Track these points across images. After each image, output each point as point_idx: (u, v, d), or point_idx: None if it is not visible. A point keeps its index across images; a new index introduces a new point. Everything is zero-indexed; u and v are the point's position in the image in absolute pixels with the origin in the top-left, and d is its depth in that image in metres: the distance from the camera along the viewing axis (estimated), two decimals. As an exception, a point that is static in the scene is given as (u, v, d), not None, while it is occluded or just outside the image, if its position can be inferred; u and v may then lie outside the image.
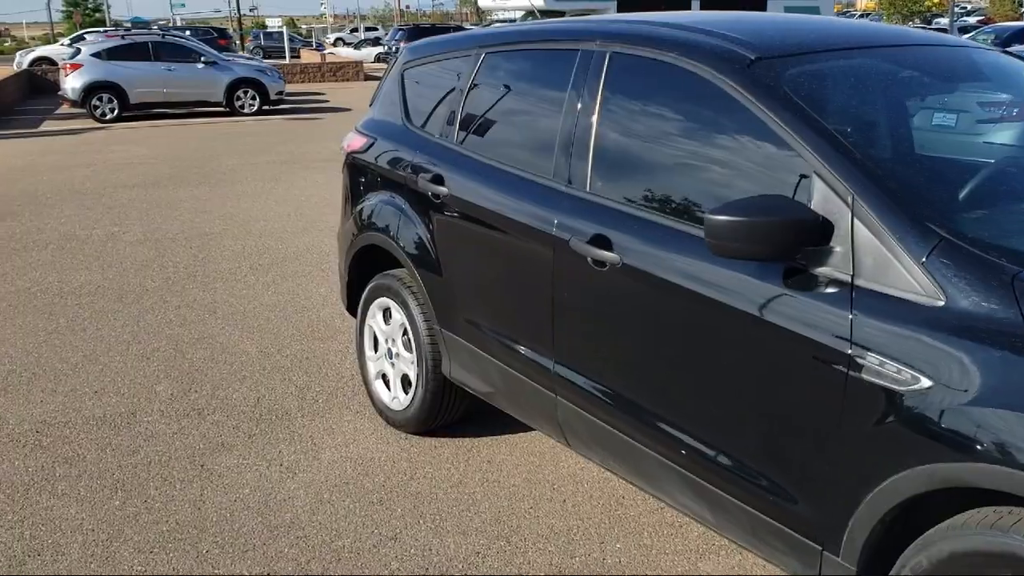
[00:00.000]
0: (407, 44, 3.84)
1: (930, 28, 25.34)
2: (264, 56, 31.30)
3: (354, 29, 59.55)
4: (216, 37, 32.10)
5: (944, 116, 2.65)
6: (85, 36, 26.10)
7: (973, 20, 44.84)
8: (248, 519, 3.02)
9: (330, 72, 26.02)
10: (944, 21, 38.04)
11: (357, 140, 3.85)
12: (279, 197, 8.91)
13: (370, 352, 3.79)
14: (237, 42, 37.56)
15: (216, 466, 3.39)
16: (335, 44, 50.22)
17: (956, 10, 38.14)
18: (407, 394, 3.56)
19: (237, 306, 5.40)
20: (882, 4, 47.70)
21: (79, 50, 16.96)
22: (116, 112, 16.15)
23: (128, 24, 49.40)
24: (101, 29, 31.67)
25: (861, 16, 50.73)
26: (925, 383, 1.78)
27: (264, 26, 65.27)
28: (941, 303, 1.82)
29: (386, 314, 3.67)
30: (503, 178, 2.95)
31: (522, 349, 2.88)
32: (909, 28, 3.44)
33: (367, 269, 3.84)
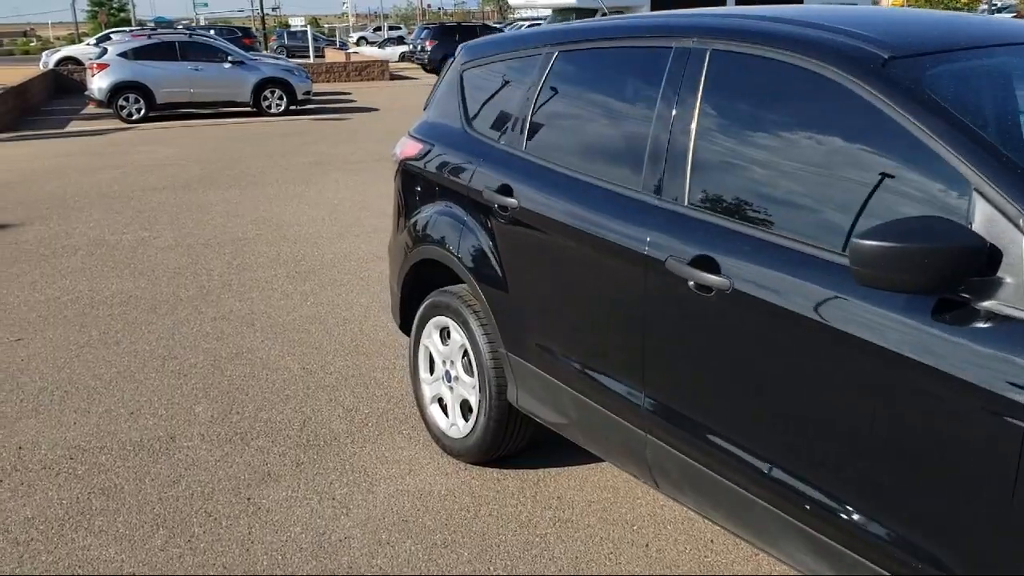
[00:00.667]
0: (466, 43, 3.57)
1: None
2: (288, 56, 31.18)
3: (377, 28, 59.45)
4: (241, 36, 32.02)
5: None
6: (111, 36, 26.08)
7: (1007, 16, 44.05)
8: (302, 563, 2.77)
9: (355, 72, 25.84)
10: (977, 17, 37.20)
11: (411, 146, 3.59)
12: (312, 200, 8.68)
13: (425, 374, 3.53)
14: (261, 41, 37.50)
15: (264, 500, 3.14)
16: (358, 43, 50.12)
17: (988, 6, 37.42)
18: (467, 421, 3.29)
19: (275, 317, 5.16)
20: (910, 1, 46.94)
21: (105, 50, 16.84)
22: (142, 112, 16.03)
23: (152, 24, 49.57)
24: (127, 29, 31.69)
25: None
26: None
27: (287, 25, 65.43)
28: None
29: (443, 334, 3.40)
30: (581, 189, 2.67)
31: (605, 380, 2.60)
32: None
33: (422, 285, 3.58)
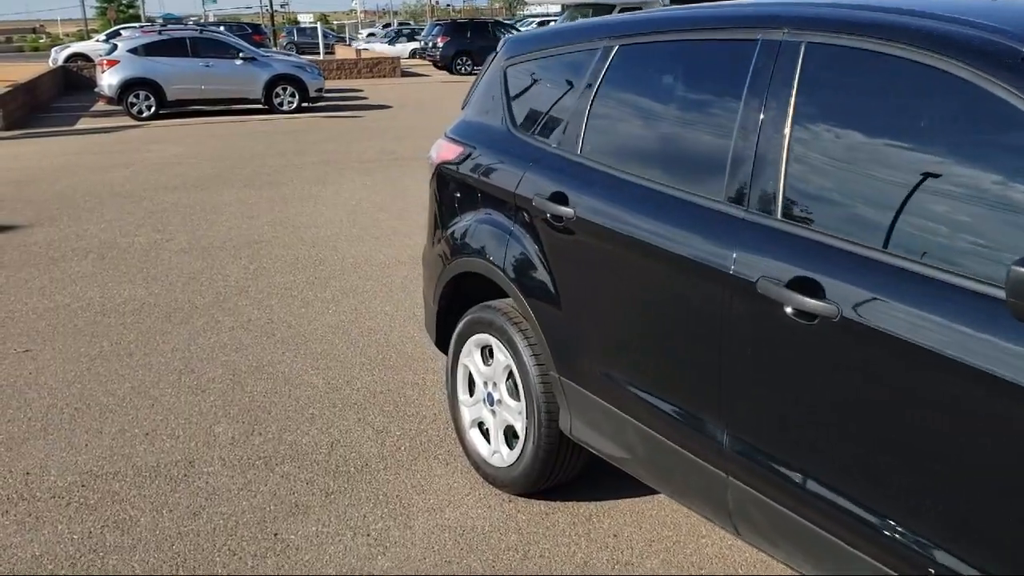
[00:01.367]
0: (509, 36, 3.29)
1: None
2: (298, 52, 30.95)
3: (386, 24, 59.17)
4: (251, 33, 31.81)
5: None
6: (121, 32, 25.88)
7: None
8: (337, 612, 2.51)
9: (366, 68, 25.58)
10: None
11: (449, 149, 3.31)
12: (328, 201, 8.42)
13: (464, 396, 3.26)
14: (270, 38, 37.27)
15: (292, 535, 2.88)
16: (367, 39, 49.84)
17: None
18: (512, 449, 3.02)
19: (296, 327, 4.90)
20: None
21: (115, 46, 16.60)
22: (153, 109, 15.79)
23: (161, 20, 49.45)
24: (137, 25, 31.50)
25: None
26: None
27: (296, 22, 65.21)
28: None
29: (485, 353, 3.13)
30: (650, 199, 2.40)
31: (678, 413, 2.32)
32: None
33: (460, 299, 3.32)
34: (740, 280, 2.08)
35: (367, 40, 48.67)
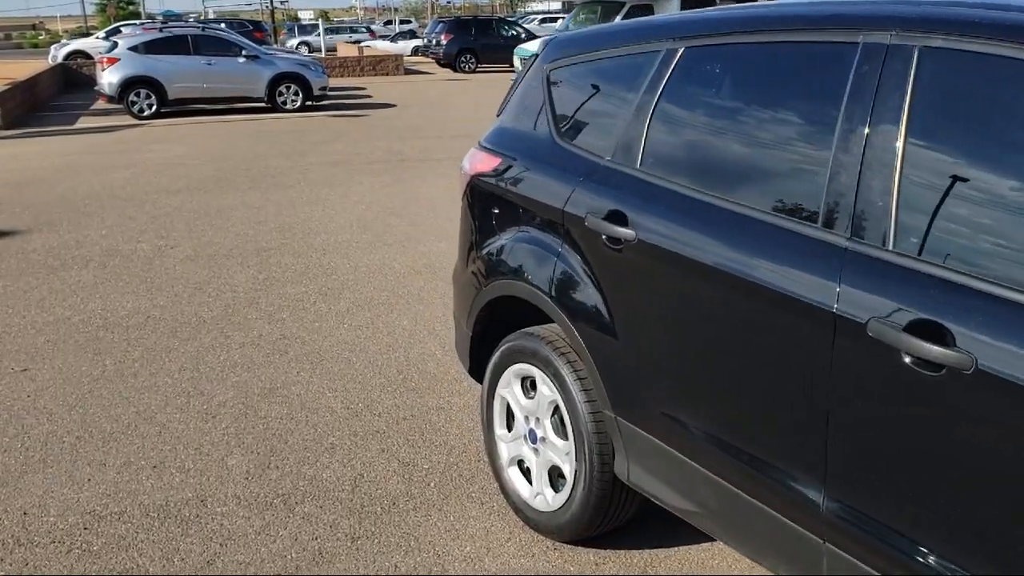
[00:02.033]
0: (551, 37, 3.01)
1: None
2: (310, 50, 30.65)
3: (388, 22, 58.80)
4: (252, 30, 31.44)
5: None
6: (121, 29, 25.57)
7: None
8: None
9: (369, 66, 25.28)
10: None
11: (484, 160, 3.04)
12: (336, 204, 8.14)
13: (501, 430, 2.98)
14: (271, 35, 36.93)
15: (317, 589, 2.61)
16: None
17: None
18: (558, 492, 2.74)
19: (310, 343, 4.62)
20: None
21: (116, 43, 16.30)
22: (154, 108, 15.49)
23: (160, 17, 49.12)
24: (137, 22, 31.18)
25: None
26: None
27: (297, 19, 64.89)
28: None
29: (526, 384, 2.86)
30: (727, 221, 2.12)
31: (762, 466, 2.05)
32: None
33: (496, 323, 3.04)
34: (846, 320, 1.80)
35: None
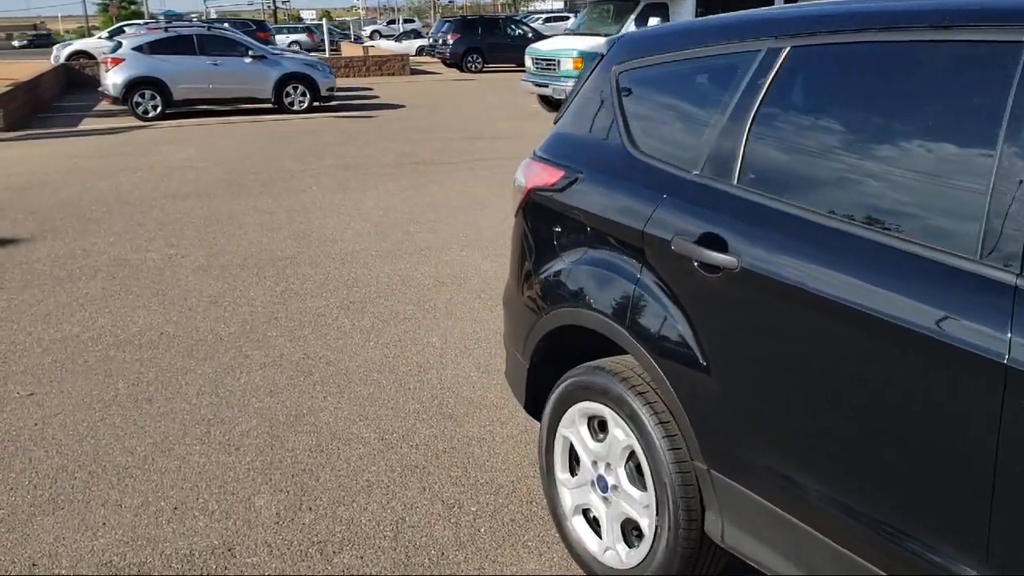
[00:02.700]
0: (621, 36, 2.71)
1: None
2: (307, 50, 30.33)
3: (391, 21, 58.49)
4: (255, 30, 31.16)
5: None
6: (124, 28, 25.28)
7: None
8: None
9: (375, 66, 24.99)
10: None
11: (544, 172, 2.74)
12: (352, 210, 7.84)
13: (563, 474, 2.68)
14: (274, 35, 36.59)
15: (365, 661, 2.31)
16: (372, 37, 49.21)
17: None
18: (633, 548, 2.44)
19: (336, 364, 4.32)
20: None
21: (120, 43, 15.99)
22: (159, 110, 15.19)
23: (161, 17, 48.84)
24: (141, 21, 30.88)
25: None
26: None
27: (299, 19, 64.59)
28: None
29: (594, 425, 2.56)
30: (859, 251, 1.81)
31: (905, 540, 1.74)
32: None
33: (556, 352, 2.75)
34: (1021, 375, 1.50)
35: (371, 37, 48.07)
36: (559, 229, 2.65)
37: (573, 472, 2.66)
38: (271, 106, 15.90)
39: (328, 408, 3.83)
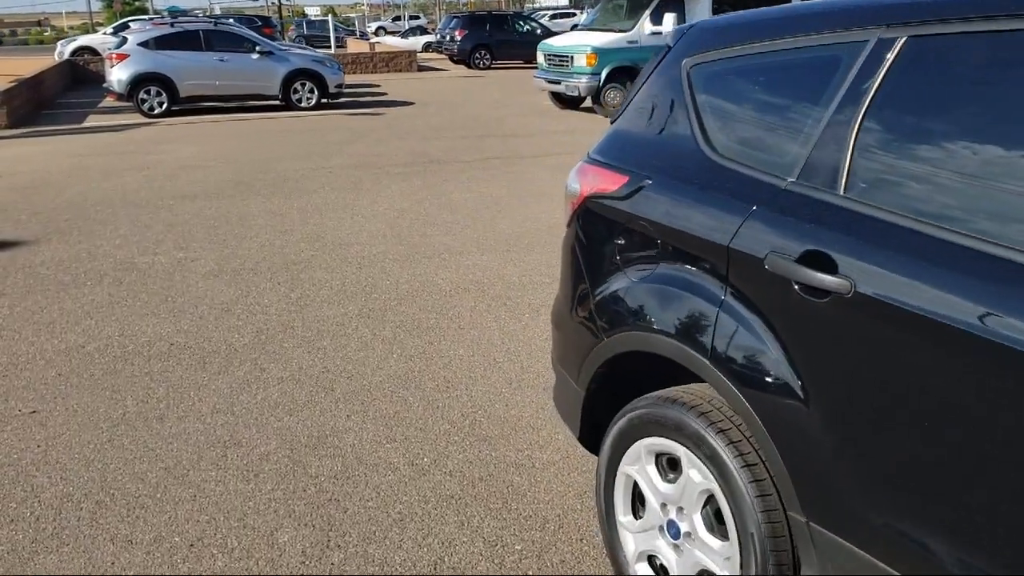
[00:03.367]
0: (691, 25, 2.42)
1: None
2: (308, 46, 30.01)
3: (396, 18, 58.18)
4: (261, 26, 30.89)
5: None
6: (129, 24, 25.01)
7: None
8: None
9: (382, 63, 24.72)
10: None
11: (603, 177, 2.45)
12: (365, 211, 7.56)
13: (625, 516, 2.40)
14: (280, 31, 36.32)
15: None
16: (376, 33, 48.94)
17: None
18: (710, 602, 2.17)
19: (357, 378, 4.05)
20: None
21: (125, 39, 15.72)
22: (165, 106, 14.92)
23: (165, 12, 48.54)
24: (146, 17, 30.60)
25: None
26: None
27: (304, 14, 64.29)
28: None
29: (663, 464, 2.28)
30: (1007, 279, 1.54)
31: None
32: None
33: (615, 379, 2.47)
34: None
35: (376, 34, 47.79)
36: (622, 242, 2.37)
37: (636, 514, 2.38)
38: (278, 103, 15.63)
39: (352, 429, 3.55)
